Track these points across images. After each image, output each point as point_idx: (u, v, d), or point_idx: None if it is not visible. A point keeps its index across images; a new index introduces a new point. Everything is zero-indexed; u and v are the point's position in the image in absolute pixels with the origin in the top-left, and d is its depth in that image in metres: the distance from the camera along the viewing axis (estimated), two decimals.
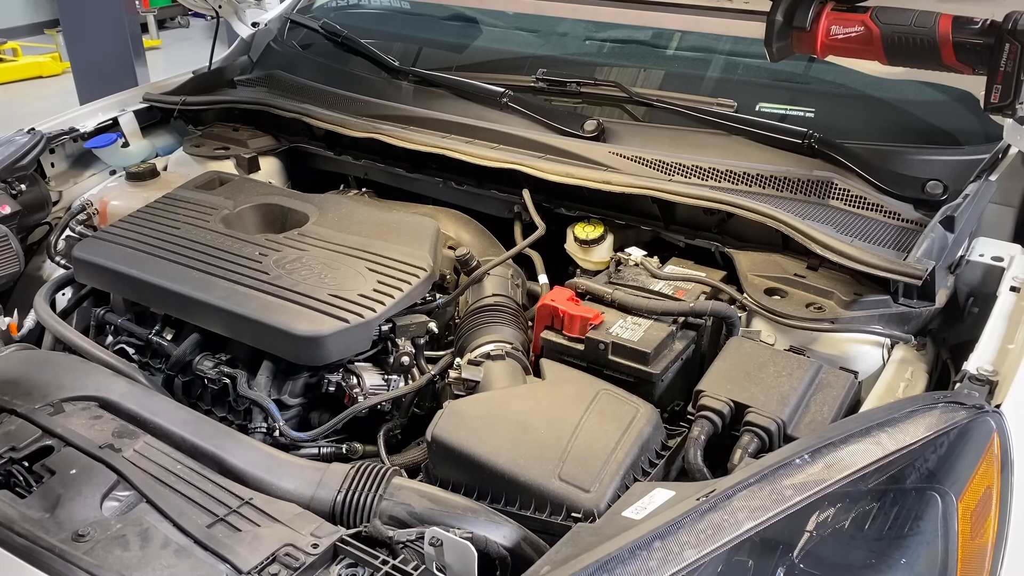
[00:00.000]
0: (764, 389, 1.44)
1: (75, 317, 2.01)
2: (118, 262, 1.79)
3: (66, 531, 1.18)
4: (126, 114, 2.47)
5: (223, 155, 2.39)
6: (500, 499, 1.34)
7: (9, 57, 8.63)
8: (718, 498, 1.07)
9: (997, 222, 1.85)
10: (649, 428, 1.41)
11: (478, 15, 2.74)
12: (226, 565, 1.13)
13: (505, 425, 1.41)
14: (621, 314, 1.65)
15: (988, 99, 1.53)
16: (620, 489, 1.30)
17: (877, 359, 1.60)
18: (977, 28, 1.56)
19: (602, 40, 2.51)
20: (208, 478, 1.29)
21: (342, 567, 1.14)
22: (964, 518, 1.15)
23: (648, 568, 0.99)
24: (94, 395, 1.48)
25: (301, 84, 2.51)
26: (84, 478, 1.26)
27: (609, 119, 2.16)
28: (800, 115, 2.08)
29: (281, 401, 1.63)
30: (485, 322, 1.73)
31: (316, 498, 1.32)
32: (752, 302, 1.68)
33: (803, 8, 1.70)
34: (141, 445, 1.35)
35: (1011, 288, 1.59)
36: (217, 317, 1.66)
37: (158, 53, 9.28)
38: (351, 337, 1.60)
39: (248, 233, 1.90)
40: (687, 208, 1.89)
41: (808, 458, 1.13)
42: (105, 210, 2.23)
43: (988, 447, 1.21)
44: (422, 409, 1.73)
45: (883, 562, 1.09)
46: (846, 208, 1.84)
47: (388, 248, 1.80)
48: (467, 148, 2.13)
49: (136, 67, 5.79)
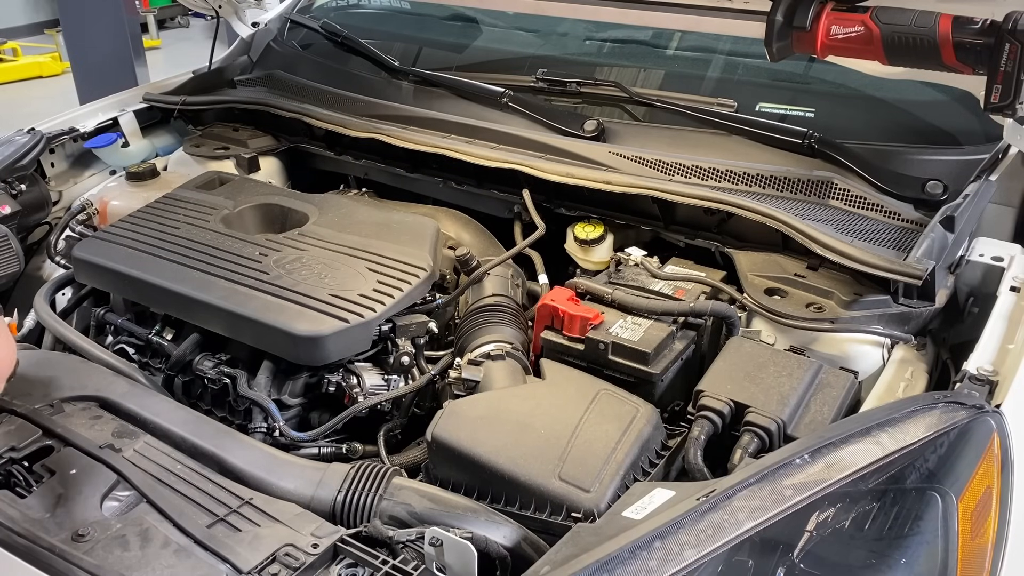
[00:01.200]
0: (764, 389, 1.44)
1: (75, 317, 2.01)
2: (118, 262, 1.79)
3: (66, 531, 1.18)
4: (126, 114, 2.47)
5: (223, 155, 2.39)
6: (500, 499, 1.34)
7: (9, 57, 8.64)
8: (718, 498, 1.07)
9: (997, 222, 1.85)
10: (649, 428, 1.41)
11: (478, 15, 2.74)
12: (226, 565, 1.13)
13: (505, 425, 1.41)
14: (621, 314, 1.65)
15: (988, 99, 1.53)
16: (620, 489, 1.30)
17: (877, 359, 1.60)
18: (977, 28, 1.56)
19: (602, 40, 2.51)
20: (208, 478, 1.29)
21: (342, 567, 1.14)
22: (964, 518, 1.15)
23: (648, 568, 0.99)
24: (94, 395, 1.48)
25: (301, 84, 2.51)
26: (84, 478, 1.26)
27: (609, 119, 2.16)
28: (800, 115, 2.07)
29: (281, 401, 1.63)
30: (485, 322, 1.73)
31: (316, 498, 1.32)
32: (752, 302, 1.68)
33: (803, 8, 1.70)
34: (141, 445, 1.35)
35: (1011, 288, 1.59)
36: (217, 317, 1.66)
37: (158, 53, 9.28)
38: (351, 337, 1.60)
39: (248, 233, 1.89)
40: (687, 208, 1.89)
41: (808, 458, 1.13)
42: (105, 210, 2.23)
43: (988, 447, 1.21)
44: (422, 409, 1.73)
45: (883, 562, 1.09)
46: (846, 208, 1.84)
47: (388, 248, 1.80)
48: (467, 148, 2.13)
49: (136, 67, 5.80)
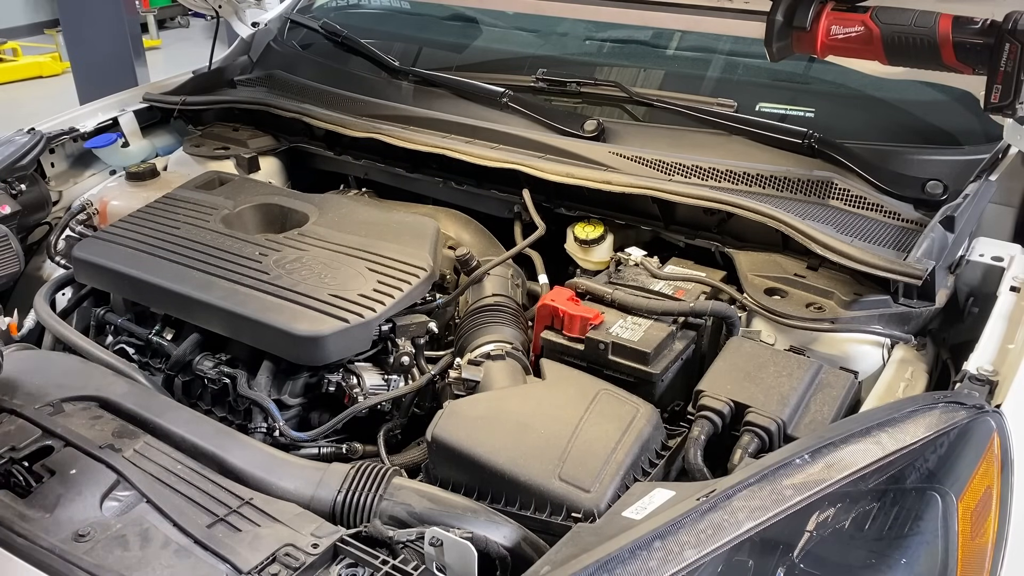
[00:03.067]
0: (764, 389, 1.44)
1: (75, 317, 2.01)
2: (118, 262, 1.79)
3: (66, 531, 1.18)
4: (126, 114, 2.47)
5: (223, 155, 2.39)
6: (500, 499, 1.34)
7: (9, 57, 8.63)
8: (718, 498, 1.07)
9: (997, 222, 1.85)
10: (649, 428, 1.41)
11: (478, 15, 2.74)
12: (226, 565, 1.13)
13: (505, 425, 1.41)
14: (621, 314, 1.65)
15: (988, 99, 1.53)
16: (620, 489, 1.30)
17: (877, 359, 1.60)
18: (977, 28, 1.56)
19: (602, 40, 2.51)
20: (208, 478, 1.29)
21: (342, 567, 1.14)
22: (964, 518, 1.15)
23: (648, 568, 0.99)
24: (94, 395, 1.48)
25: (301, 84, 2.51)
26: (84, 478, 1.26)
27: (609, 119, 2.16)
28: (800, 115, 2.07)
29: (281, 401, 1.63)
30: (485, 322, 1.73)
31: (316, 498, 1.32)
32: (752, 302, 1.68)
33: (803, 8, 1.70)
34: (141, 445, 1.35)
35: (1011, 288, 1.59)
36: (217, 317, 1.66)
37: (158, 53, 9.27)
38: (351, 337, 1.60)
39: (248, 233, 1.89)
40: (687, 208, 1.89)
41: (808, 458, 1.13)
42: (105, 210, 2.23)
43: (988, 447, 1.21)
44: (422, 409, 1.73)
45: (883, 562, 1.09)
46: (846, 208, 1.84)
47: (388, 248, 1.80)
48: (467, 148, 2.13)
49: (136, 67, 5.80)
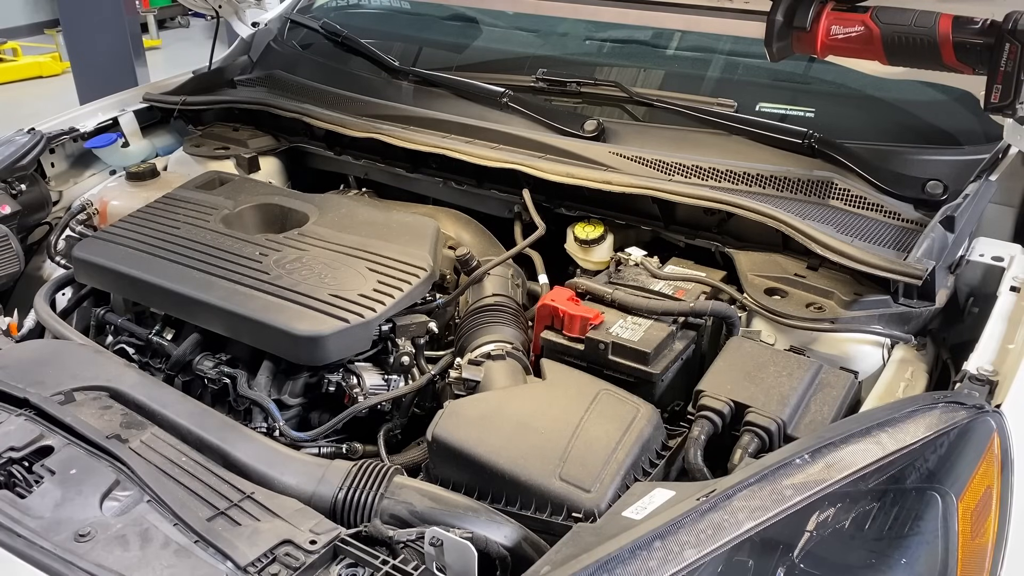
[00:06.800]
0: (764, 389, 1.44)
1: (75, 317, 2.01)
2: (118, 262, 1.79)
3: (66, 531, 1.17)
4: (126, 114, 2.47)
5: (223, 155, 2.39)
6: (500, 499, 1.34)
7: (9, 57, 8.64)
8: (718, 498, 1.07)
9: (997, 222, 1.85)
10: (649, 428, 1.41)
11: (478, 15, 2.74)
12: (226, 565, 1.13)
13: (505, 425, 1.41)
14: (621, 314, 1.65)
15: (988, 99, 1.53)
16: (620, 489, 1.30)
17: (877, 359, 1.60)
18: (977, 28, 1.56)
19: (602, 40, 2.51)
20: (211, 471, 1.29)
21: (342, 567, 1.14)
22: (964, 518, 1.15)
23: (648, 568, 0.98)
24: (105, 385, 1.49)
25: (301, 84, 2.51)
26: (84, 478, 1.26)
27: (609, 119, 2.16)
28: (800, 115, 2.07)
29: (281, 401, 1.63)
30: (485, 322, 1.73)
31: (317, 494, 1.32)
32: (752, 302, 1.68)
33: (803, 8, 1.70)
34: (148, 436, 1.35)
35: (1011, 288, 1.59)
36: (217, 317, 1.66)
37: (158, 53, 9.28)
38: (351, 337, 1.60)
39: (248, 233, 1.90)
40: (687, 208, 1.89)
41: (808, 458, 1.13)
42: (105, 210, 2.23)
43: (988, 447, 1.21)
44: (422, 409, 1.73)
45: (883, 562, 1.09)
46: (846, 208, 1.84)
47: (388, 248, 1.80)
48: (467, 148, 2.13)
49: (136, 67, 5.81)
